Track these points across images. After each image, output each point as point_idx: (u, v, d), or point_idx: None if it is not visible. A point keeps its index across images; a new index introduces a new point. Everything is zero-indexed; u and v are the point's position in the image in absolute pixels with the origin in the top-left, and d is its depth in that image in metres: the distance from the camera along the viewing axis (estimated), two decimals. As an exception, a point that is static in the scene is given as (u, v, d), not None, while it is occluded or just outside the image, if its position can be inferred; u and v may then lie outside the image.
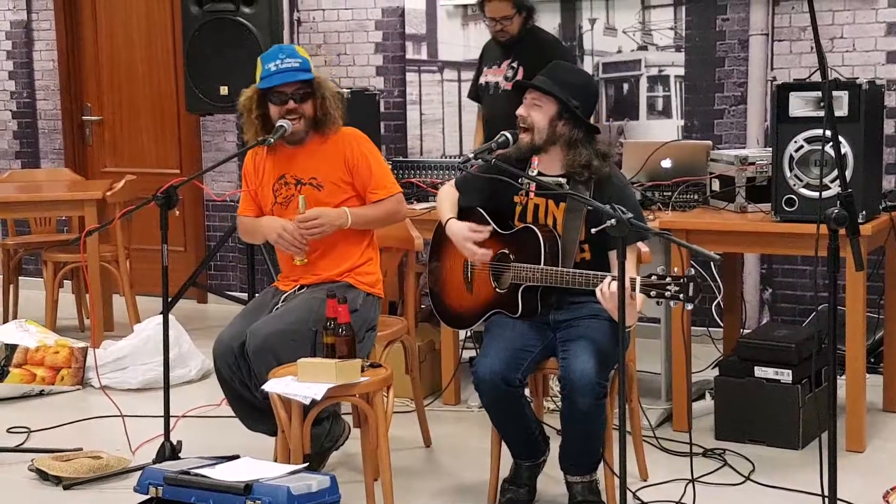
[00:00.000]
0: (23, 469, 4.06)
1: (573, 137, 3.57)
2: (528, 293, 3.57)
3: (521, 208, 3.66)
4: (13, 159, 7.62)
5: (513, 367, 3.45)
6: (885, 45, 5.24)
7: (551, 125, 3.57)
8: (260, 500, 3.00)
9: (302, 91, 3.82)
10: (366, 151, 3.92)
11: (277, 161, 3.93)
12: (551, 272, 3.49)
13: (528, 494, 3.64)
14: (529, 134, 3.58)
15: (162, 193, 3.78)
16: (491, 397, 3.47)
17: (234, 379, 3.73)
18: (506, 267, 3.62)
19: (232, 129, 6.86)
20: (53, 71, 7.42)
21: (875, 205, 4.18)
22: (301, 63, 3.82)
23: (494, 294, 3.66)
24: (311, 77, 3.83)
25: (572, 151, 3.56)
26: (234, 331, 3.74)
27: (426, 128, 6.31)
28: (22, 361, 5.04)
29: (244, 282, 6.54)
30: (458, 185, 3.83)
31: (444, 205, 3.79)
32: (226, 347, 3.72)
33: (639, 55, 5.75)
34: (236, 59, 5.76)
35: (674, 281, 3.09)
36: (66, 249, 6.07)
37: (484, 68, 5.32)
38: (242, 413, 3.83)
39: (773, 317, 5.57)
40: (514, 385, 3.45)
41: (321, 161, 3.89)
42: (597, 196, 3.53)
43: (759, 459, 4.02)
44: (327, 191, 3.88)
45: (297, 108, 3.82)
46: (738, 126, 5.56)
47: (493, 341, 3.55)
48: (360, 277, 3.91)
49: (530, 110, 3.59)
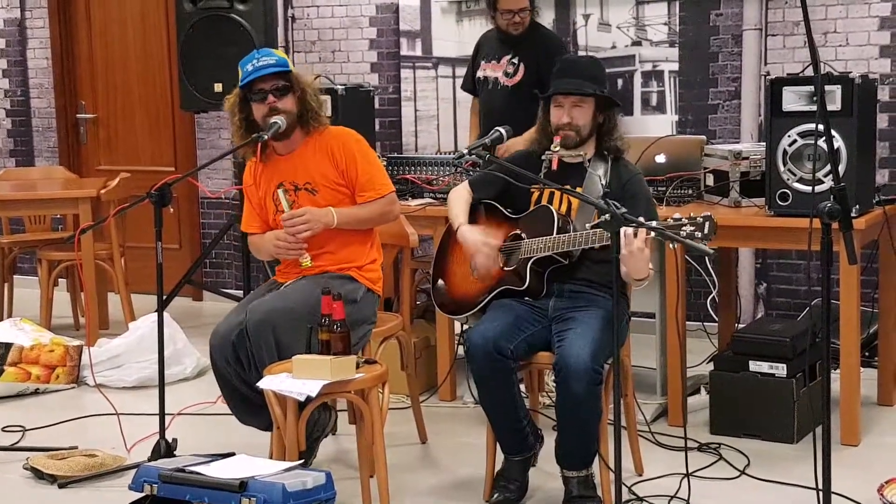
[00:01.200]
0: (18, 468, 4.06)
1: (613, 122, 3.74)
2: (536, 268, 3.62)
3: (536, 195, 3.75)
4: (7, 157, 7.61)
5: (506, 337, 3.48)
6: (878, 39, 5.25)
7: (594, 120, 3.70)
8: (255, 498, 3.00)
9: (280, 85, 3.83)
10: (354, 151, 3.91)
11: (273, 171, 3.95)
12: (562, 238, 3.56)
13: (518, 491, 3.65)
14: (577, 133, 3.68)
15: (156, 191, 3.78)
16: (482, 364, 3.48)
17: (230, 372, 3.73)
18: (517, 246, 3.67)
19: (226, 127, 6.84)
20: (47, 69, 7.41)
21: (868, 199, 4.19)
22: (277, 60, 3.84)
23: (501, 273, 3.70)
24: (286, 69, 3.84)
25: (612, 134, 3.72)
26: (231, 322, 3.74)
27: (421, 124, 6.30)
28: (17, 360, 5.04)
29: (239, 279, 6.55)
30: (473, 185, 3.89)
31: (457, 207, 3.85)
32: (222, 339, 3.72)
33: (633, 50, 5.76)
34: (230, 56, 5.72)
35: (690, 221, 3.17)
36: (61, 248, 6.08)
37: (481, 62, 5.28)
38: (236, 406, 3.83)
39: (768, 311, 5.58)
40: (506, 355, 3.46)
41: (312, 165, 3.90)
42: (613, 175, 3.67)
43: (754, 453, 4.03)
44: (322, 194, 3.89)
45: (276, 102, 3.83)
46: (732, 121, 5.57)
47: (492, 313, 3.63)
48: (363, 272, 3.93)
49: (573, 113, 3.67)
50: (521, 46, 5.10)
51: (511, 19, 5.06)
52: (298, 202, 3.88)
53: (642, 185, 3.72)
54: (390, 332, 4.08)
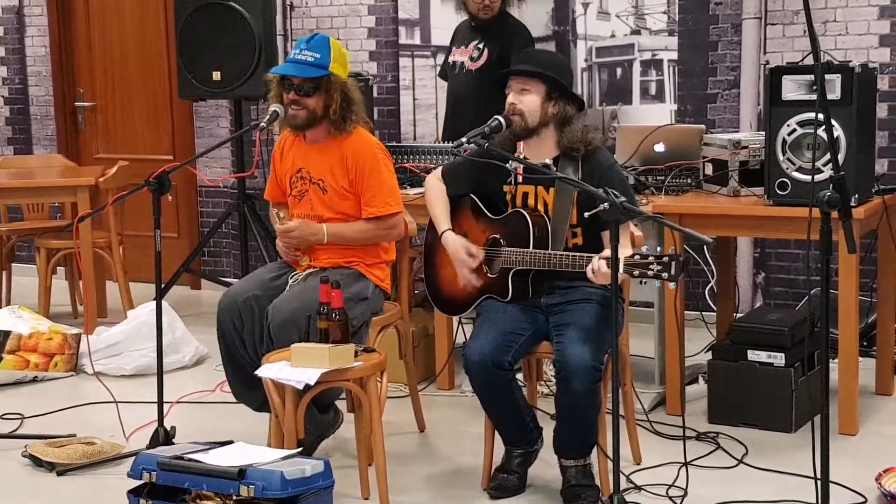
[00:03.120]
0: (16, 455, 4.06)
1: (566, 115, 3.59)
2: (518, 277, 3.58)
3: (510, 196, 3.66)
4: (5, 145, 7.60)
5: (503, 350, 3.45)
6: (878, 28, 5.23)
7: (542, 107, 3.57)
8: (254, 485, 3.00)
9: (309, 85, 3.80)
10: (370, 163, 3.86)
11: (298, 154, 3.96)
12: (540, 255, 3.49)
13: (517, 481, 3.65)
14: (521, 119, 3.58)
15: (154, 179, 3.78)
16: (481, 380, 3.47)
17: (235, 337, 3.75)
18: (497, 252, 3.62)
19: (225, 115, 6.84)
20: (45, 57, 7.39)
21: (867, 188, 4.18)
22: (317, 59, 3.78)
23: (486, 279, 3.66)
24: (318, 74, 3.78)
25: (567, 129, 3.58)
26: (243, 286, 3.81)
27: (419, 113, 6.29)
28: (15, 348, 5.04)
29: (238, 268, 6.54)
30: (445, 176, 3.83)
31: (437, 209, 3.77)
32: (231, 301, 3.77)
33: (632, 39, 5.74)
34: (229, 44, 5.75)
35: (656, 260, 3.10)
36: (59, 236, 6.07)
37: (453, 48, 5.41)
38: (233, 377, 3.85)
39: (766, 300, 5.58)
40: (504, 368, 3.45)
41: (329, 165, 3.88)
42: (586, 173, 3.55)
43: (752, 442, 4.03)
44: (330, 195, 3.89)
45: (299, 99, 3.81)
46: (732, 110, 5.56)
47: (484, 325, 3.56)
48: (372, 270, 3.93)
49: (519, 96, 3.59)
50: (489, 32, 5.23)
51: (480, 3, 5.17)
52: (310, 194, 3.89)
53: (617, 175, 3.58)
54: (389, 321, 4.08)
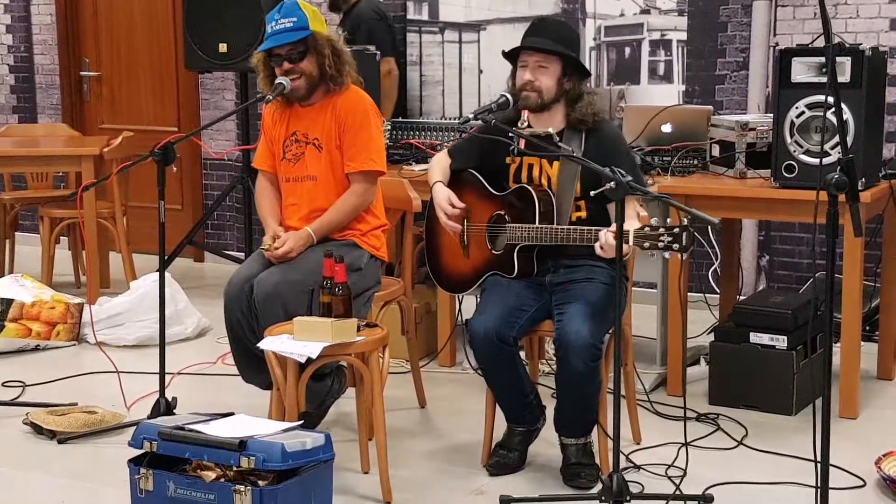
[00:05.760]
0: (17, 423, 4.07)
1: (580, 91, 3.59)
2: (524, 254, 3.57)
3: (515, 167, 3.66)
4: (10, 114, 7.58)
5: (508, 324, 3.46)
6: (889, 11, 5.20)
7: (559, 84, 3.57)
8: (254, 457, 3.00)
9: (297, 50, 3.79)
10: (360, 118, 3.84)
11: (292, 118, 3.94)
12: (546, 230, 3.49)
13: (518, 458, 3.65)
14: (539, 96, 3.57)
15: (159, 150, 3.76)
16: (485, 354, 3.48)
17: (243, 324, 3.73)
18: (501, 229, 3.61)
19: (230, 88, 6.81)
20: (51, 25, 7.37)
21: (875, 172, 4.17)
22: (295, 22, 3.76)
23: (490, 256, 3.65)
24: (302, 36, 3.77)
25: (580, 103, 3.58)
26: (247, 272, 3.76)
27: (426, 89, 6.27)
28: (18, 316, 5.04)
29: (241, 241, 6.53)
30: (451, 152, 3.84)
31: (435, 169, 3.80)
32: (238, 290, 3.73)
33: (641, 19, 5.71)
34: (235, 16, 5.72)
35: (667, 231, 3.09)
36: (63, 205, 6.06)
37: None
38: (242, 361, 3.82)
39: (770, 283, 5.57)
40: (509, 343, 3.45)
41: (322, 122, 3.87)
42: (591, 146, 3.55)
43: (752, 424, 4.03)
44: (326, 151, 3.87)
45: (293, 67, 3.80)
46: (740, 91, 5.53)
47: (490, 299, 3.56)
48: (367, 239, 3.91)
49: (537, 73, 3.57)
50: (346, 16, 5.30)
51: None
52: (306, 156, 3.87)
53: (622, 148, 3.59)
54: (392, 297, 4.07)
